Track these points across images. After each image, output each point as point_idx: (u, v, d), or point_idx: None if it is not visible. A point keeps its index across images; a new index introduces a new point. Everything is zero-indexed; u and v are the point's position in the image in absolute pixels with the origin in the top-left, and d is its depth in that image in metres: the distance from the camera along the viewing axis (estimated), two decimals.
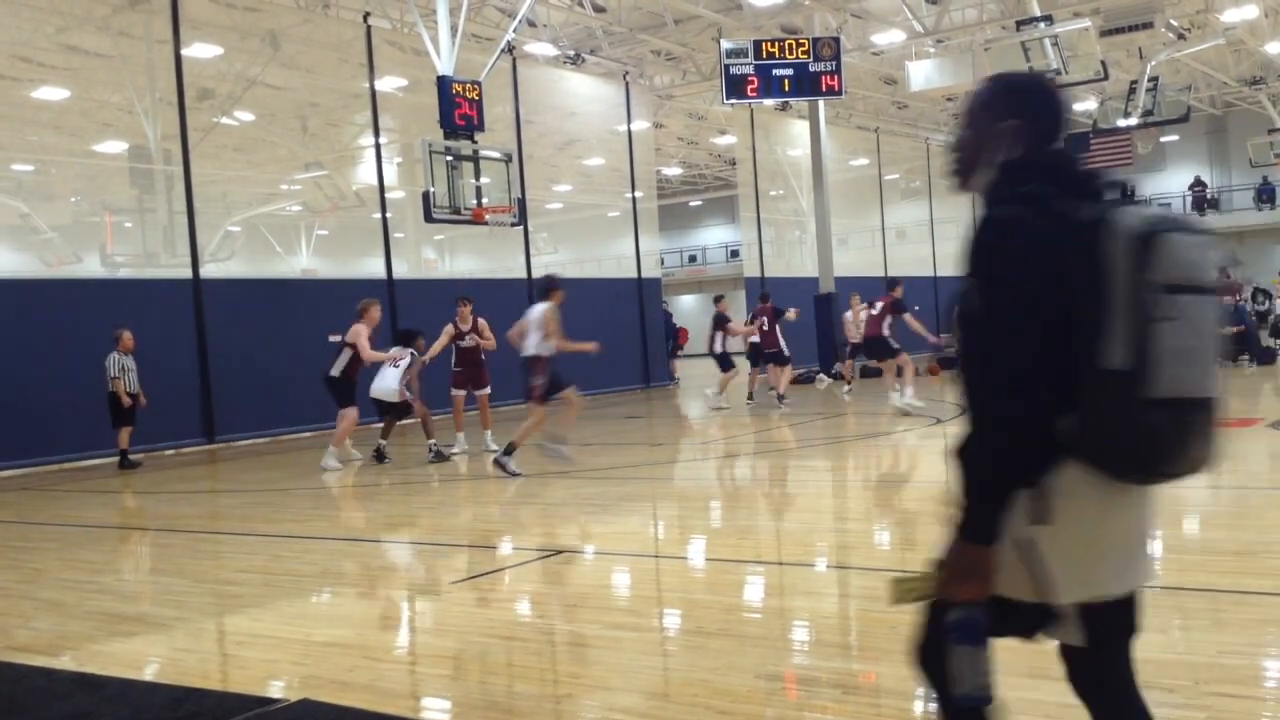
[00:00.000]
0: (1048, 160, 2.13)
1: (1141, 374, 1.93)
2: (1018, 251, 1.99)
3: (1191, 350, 1.95)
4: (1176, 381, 1.94)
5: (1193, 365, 1.96)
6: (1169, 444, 1.98)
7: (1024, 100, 2.19)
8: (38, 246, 23.50)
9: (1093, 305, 1.95)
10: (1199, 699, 3.56)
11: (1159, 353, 1.92)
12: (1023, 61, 18.24)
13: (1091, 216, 2.00)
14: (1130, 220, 1.97)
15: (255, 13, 18.56)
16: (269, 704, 4.05)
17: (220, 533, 8.56)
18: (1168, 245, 1.95)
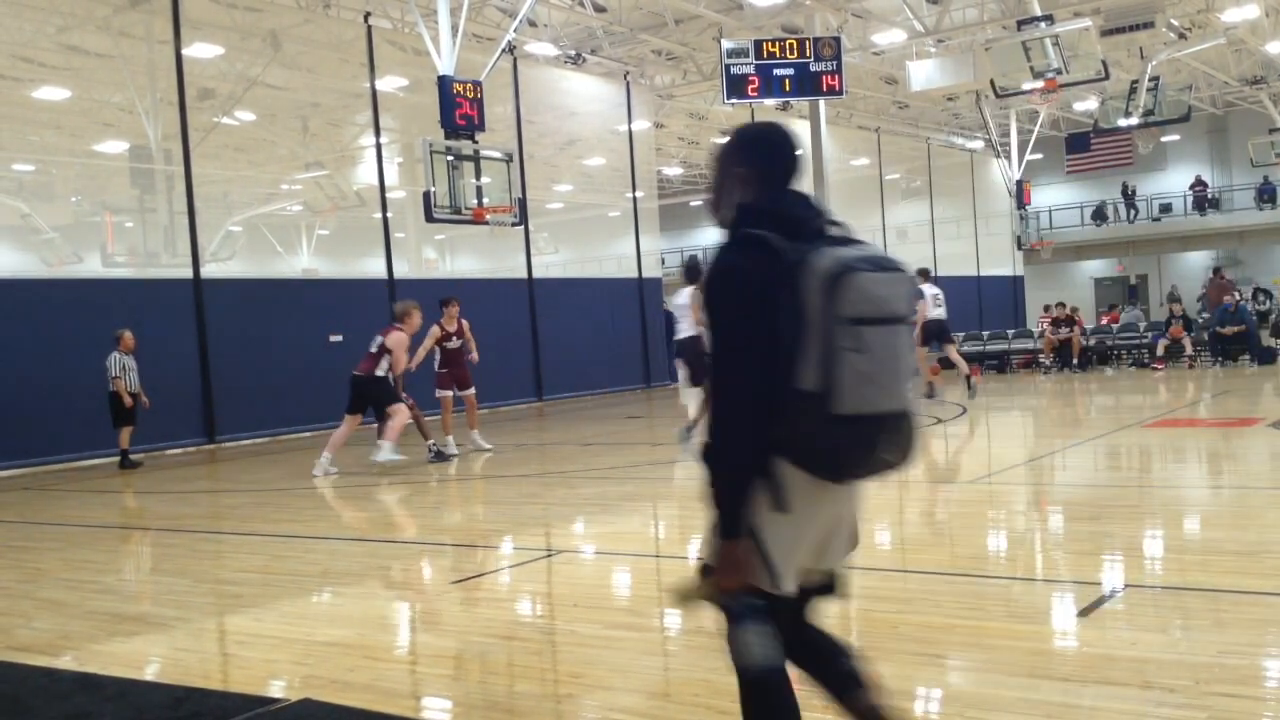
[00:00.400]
0: (773, 205, 2.43)
1: (828, 395, 2.28)
2: (735, 293, 2.34)
3: (873, 374, 2.30)
4: (858, 401, 2.29)
5: (874, 387, 2.30)
6: (853, 453, 2.36)
7: (758, 151, 2.51)
8: (38, 246, 23.53)
9: (793, 334, 2.30)
10: (1200, 699, 3.57)
11: (842, 377, 2.28)
12: (1024, 61, 18.23)
13: (798, 257, 2.31)
14: (824, 261, 2.30)
15: (256, 12, 18.56)
16: (270, 704, 4.06)
17: (221, 532, 8.56)
18: (854, 283, 2.28)
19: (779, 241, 2.34)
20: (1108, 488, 8.59)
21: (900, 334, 2.37)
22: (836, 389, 2.29)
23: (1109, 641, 4.30)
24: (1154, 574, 5.60)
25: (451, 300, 12.11)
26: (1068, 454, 10.22)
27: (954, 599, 5.15)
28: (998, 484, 8.75)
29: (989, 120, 29.63)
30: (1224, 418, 12.49)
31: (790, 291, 2.30)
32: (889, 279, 2.36)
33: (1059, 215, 38.93)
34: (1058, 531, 6.88)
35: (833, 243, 2.39)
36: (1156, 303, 34.98)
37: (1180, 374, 18.74)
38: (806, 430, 2.33)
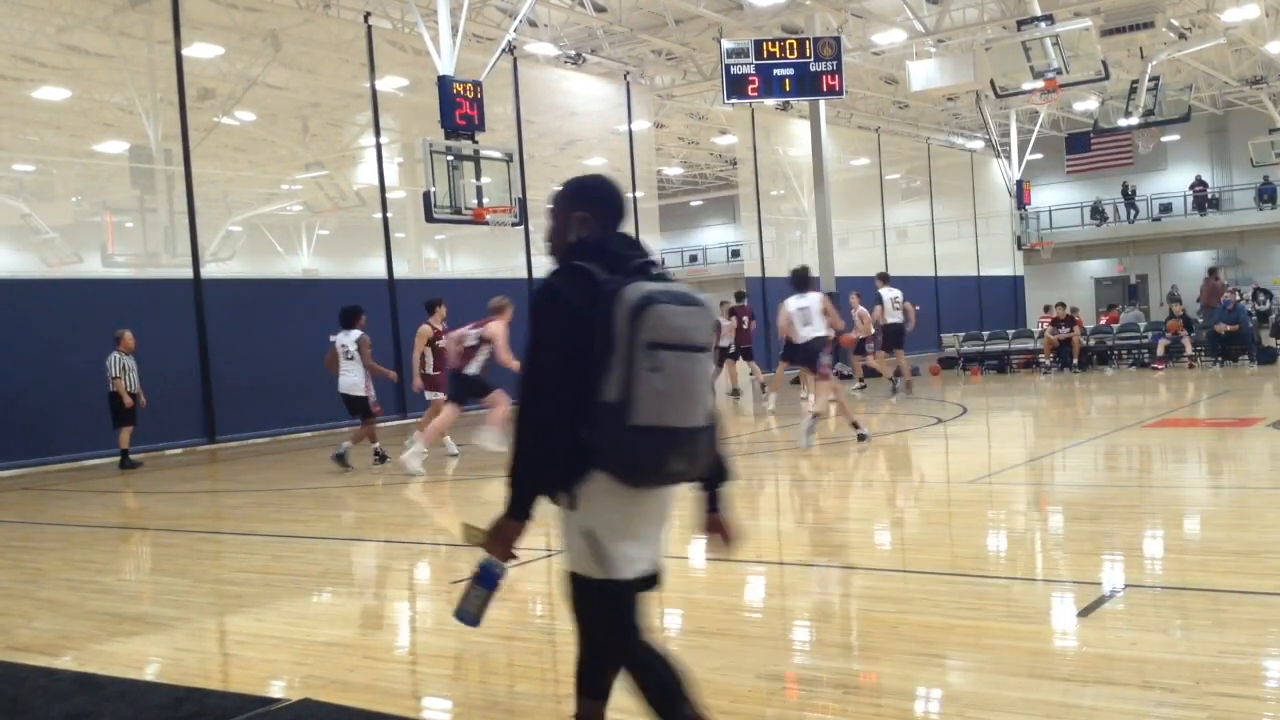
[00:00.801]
0: (600, 243, 2.81)
1: (626, 407, 2.61)
2: (552, 312, 2.71)
3: (667, 392, 2.64)
4: (653, 414, 2.63)
5: (668, 403, 2.64)
6: (647, 460, 2.69)
7: (593, 199, 2.91)
8: (39, 246, 23.52)
9: (603, 353, 2.64)
10: (1200, 699, 3.57)
11: (639, 393, 2.61)
12: (1024, 61, 18.23)
13: (613, 287, 2.66)
14: (633, 293, 2.64)
15: (256, 13, 18.56)
16: (270, 704, 4.06)
17: (221, 533, 8.56)
18: (655, 313, 2.63)
19: (600, 273, 2.71)
20: (1108, 488, 8.60)
21: (697, 361, 2.72)
22: (634, 402, 2.63)
23: (1109, 641, 4.30)
24: (1154, 574, 5.61)
25: (440, 302, 12.11)
26: (1068, 454, 10.22)
27: (954, 599, 5.15)
28: (998, 484, 8.75)
29: (989, 120, 29.63)
30: (1224, 418, 12.49)
31: (603, 316, 2.65)
32: (688, 312, 2.70)
33: (1059, 215, 38.93)
34: (1058, 531, 6.89)
35: (646, 278, 2.73)
36: (1156, 303, 34.98)
37: (1180, 374, 18.74)
38: (608, 437, 2.66)
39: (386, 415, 16.88)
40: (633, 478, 2.73)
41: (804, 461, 11.00)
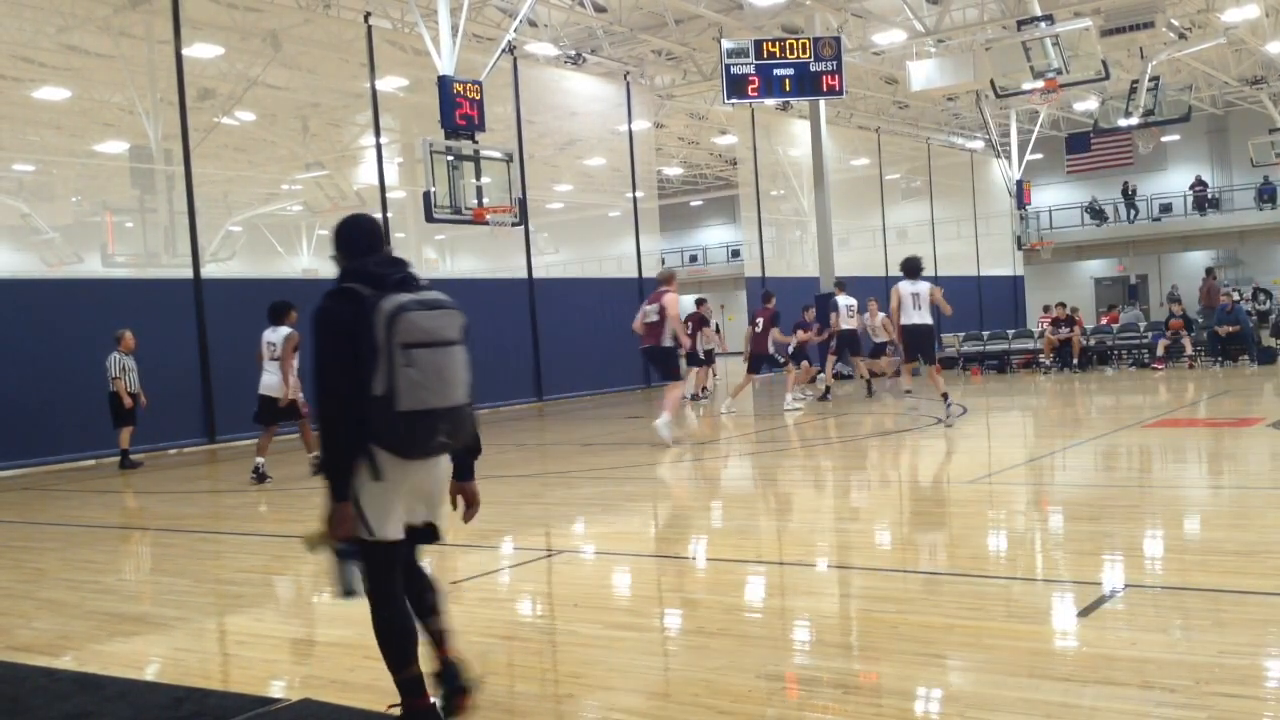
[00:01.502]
0: (362, 267, 3.51)
1: (392, 397, 3.31)
2: (327, 327, 3.40)
3: (423, 382, 3.33)
4: (413, 401, 3.32)
5: (425, 390, 3.33)
6: (414, 437, 3.39)
7: (339, 240, 3.66)
8: (39, 246, 23.53)
9: (370, 355, 3.32)
10: (1200, 699, 3.57)
11: (400, 385, 3.31)
12: (1024, 61, 18.23)
13: (374, 301, 3.34)
14: (389, 304, 3.33)
15: (256, 13, 18.57)
16: (270, 704, 4.06)
17: (221, 533, 8.56)
18: (407, 319, 3.32)
19: (364, 291, 3.39)
20: (1108, 488, 8.59)
21: (449, 354, 3.41)
22: (396, 393, 3.31)
23: (1109, 641, 4.30)
24: (1154, 574, 5.61)
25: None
26: (1068, 454, 10.22)
27: (954, 599, 5.15)
28: (998, 484, 8.75)
29: (989, 120, 29.64)
30: (1224, 418, 12.49)
31: (367, 325, 3.32)
32: (436, 315, 3.40)
33: (1059, 215, 38.94)
34: (1058, 531, 6.89)
35: (402, 291, 3.40)
36: (1156, 303, 34.99)
37: (1180, 374, 18.74)
38: (382, 423, 3.33)
39: None
40: (406, 452, 3.41)
41: (804, 461, 11.00)
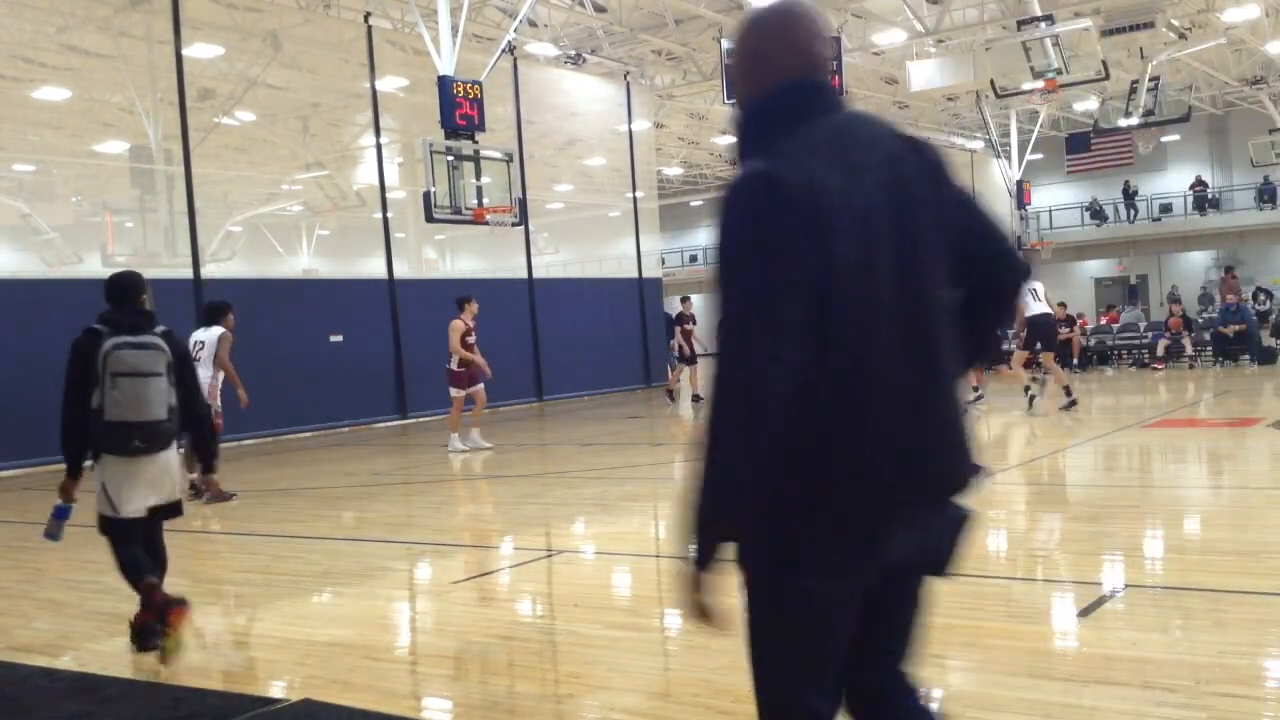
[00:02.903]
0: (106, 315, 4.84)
1: (103, 411, 4.66)
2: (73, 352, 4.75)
3: (125, 402, 4.65)
4: (117, 414, 4.66)
5: (126, 408, 4.66)
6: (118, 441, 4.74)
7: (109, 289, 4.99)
8: (39, 247, 23.53)
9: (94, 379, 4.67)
10: (1200, 699, 3.57)
11: (108, 403, 4.65)
12: (1024, 61, 18.22)
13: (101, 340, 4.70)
14: (107, 343, 4.67)
15: (256, 13, 18.56)
16: (270, 704, 4.06)
17: (221, 533, 8.56)
18: (116, 355, 4.65)
19: (105, 330, 4.73)
20: (1108, 488, 8.59)
21: (147, 383, 4.69)
22: (106, 408, 4.66)
23: (1109, 641, 4.30)
24: (1154, 574, 5.61)
25: (471, 298, 12.20)
26: (1068, 454, 10.22)
27: (954, 599, 5.14)
28: (998, 484, 8.75)
29: (989, 120, 29.62)
30: (1224, 418, 12.49)
31: (94, 358, 4.65)
32: (140, 353, 4.70)
33: (1059, 215, 38.92)
34: (1058, 531, 6.88)
35: (128, 334, 4.72)
36: (1157, 303, 34.98)
37: (1180, 374, 18.73)
38: (97, 429, 4.70)
39: (387, 415, 16.93)
40: (116, 451, 4.74)
41: None
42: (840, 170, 1.99)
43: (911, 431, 2.00)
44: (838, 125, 2.08)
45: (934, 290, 2.07)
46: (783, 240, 1.91)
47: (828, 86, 2.13)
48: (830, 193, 1.95)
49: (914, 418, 2.01)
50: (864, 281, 1.96)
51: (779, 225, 1.92)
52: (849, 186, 1.98)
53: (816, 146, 2.01)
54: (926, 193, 2.12)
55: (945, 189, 2.17)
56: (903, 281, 2.01)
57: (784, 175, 1.94)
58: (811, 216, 1.93)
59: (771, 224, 1.92)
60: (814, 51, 2.11)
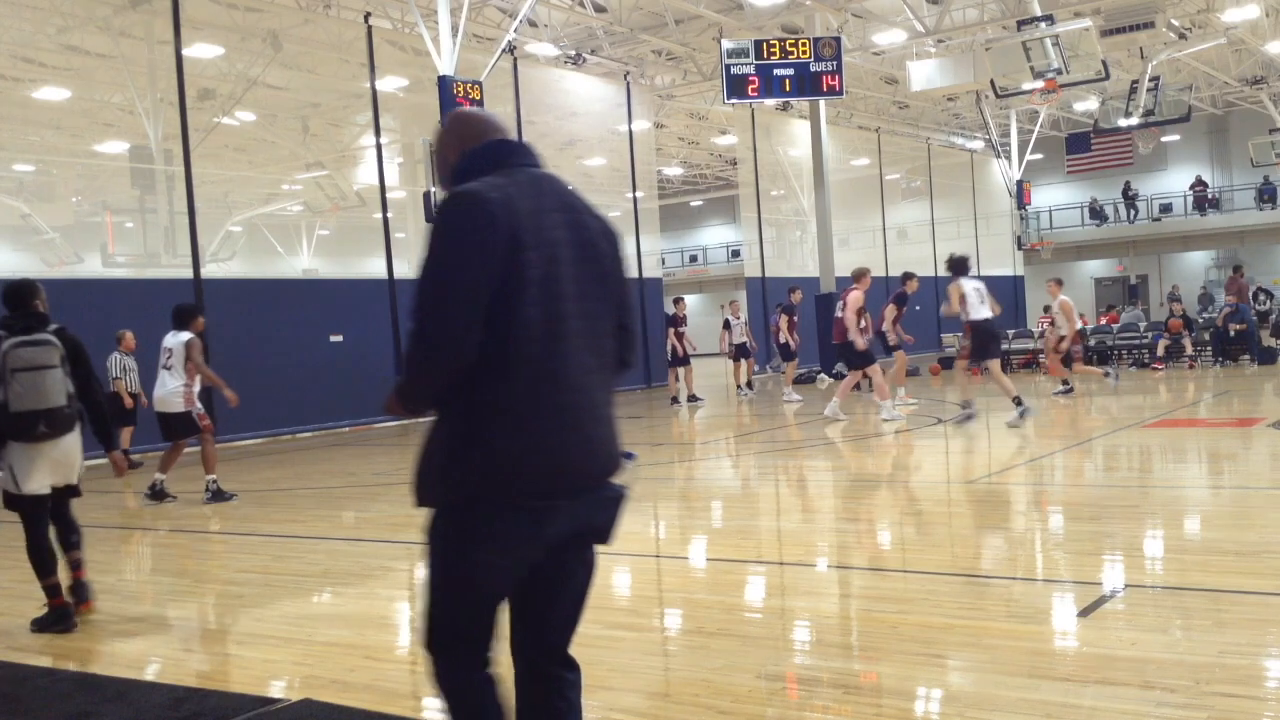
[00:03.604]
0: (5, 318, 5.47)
1: (7, 403, 5.33)
2: None
3: (24, 394, 5.32)
4: (19, 405, 5.31)
5: (27, 399, 5.32)
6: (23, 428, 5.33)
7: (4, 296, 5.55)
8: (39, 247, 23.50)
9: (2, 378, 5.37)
10: (1200, 699, 3.57)
11: (11, 396, 5.31)
12: (1024, 61, 18.23)
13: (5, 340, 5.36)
14: (7, 344, 5.33)
15: (256, 13, 18.56)
16: (270, 704, 4.06)
17: (221, 533, 8.56)
18: (13, 354, 5.33)
19: (3, 334, 5.37)
20: (1108, 488, 8.59)
21: (44, 374, 5.37)
22: (11, 401, 5.31)
23: (1109, 641, 4.30)
24: (1154, 574, 5.61)
25: None
26: (1068, 454, 10.22)
27: (954, 599, 5.15)
28: (998, 484, 8.75)
29: (989, 120, 29.63)
30: (1224, 418, 12.49)
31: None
32: (35, 350, 5.38)
33: (1059, 215, 38.93)
34: (1058, 531, 6.88)
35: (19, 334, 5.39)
36: (1157, 303, 34.99)
37: (1180, 374, 18.73)
38: (3, 419, 5.32)
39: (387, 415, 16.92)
40: (22, 438, 5.36)
41: (804, 462, 11.00)
42: (531, 201, 2.40)
43: (577, 430, 2.40)
44: (532, 175, 2.52)
45: (601, 311, 2.50)
46: (478, 246, 2.29)
47: (520, 147, 2.58)
48: (521, 214, 2.35)
49: (580, 418, 2.41)
50: (542, 295, 2.35)
51: (478, 234, 2.30)
52: (537, 215, 2.39)
53: (514, 181, 2.43)
54: (605, 248, 2.55)
55: (617, 255, 2.61)
56: (579, 300, 2.43)
57: (489, 194, 2.35)
58: (505, 231, 2.31)
59: (471, 232, 2.30)
60: (497, 129, 2.63)
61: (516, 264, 2.31)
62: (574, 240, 2.45)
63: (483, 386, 2.33)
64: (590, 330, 2.46)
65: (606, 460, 2.52)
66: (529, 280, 2.32)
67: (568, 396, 2.39)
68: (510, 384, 2.33)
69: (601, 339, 2.51)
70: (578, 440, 2.41)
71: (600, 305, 2.50)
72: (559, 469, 2.38)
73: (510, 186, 2.40)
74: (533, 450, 2.34)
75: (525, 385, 2.33)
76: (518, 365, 2.33)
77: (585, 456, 2.43)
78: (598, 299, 2.50)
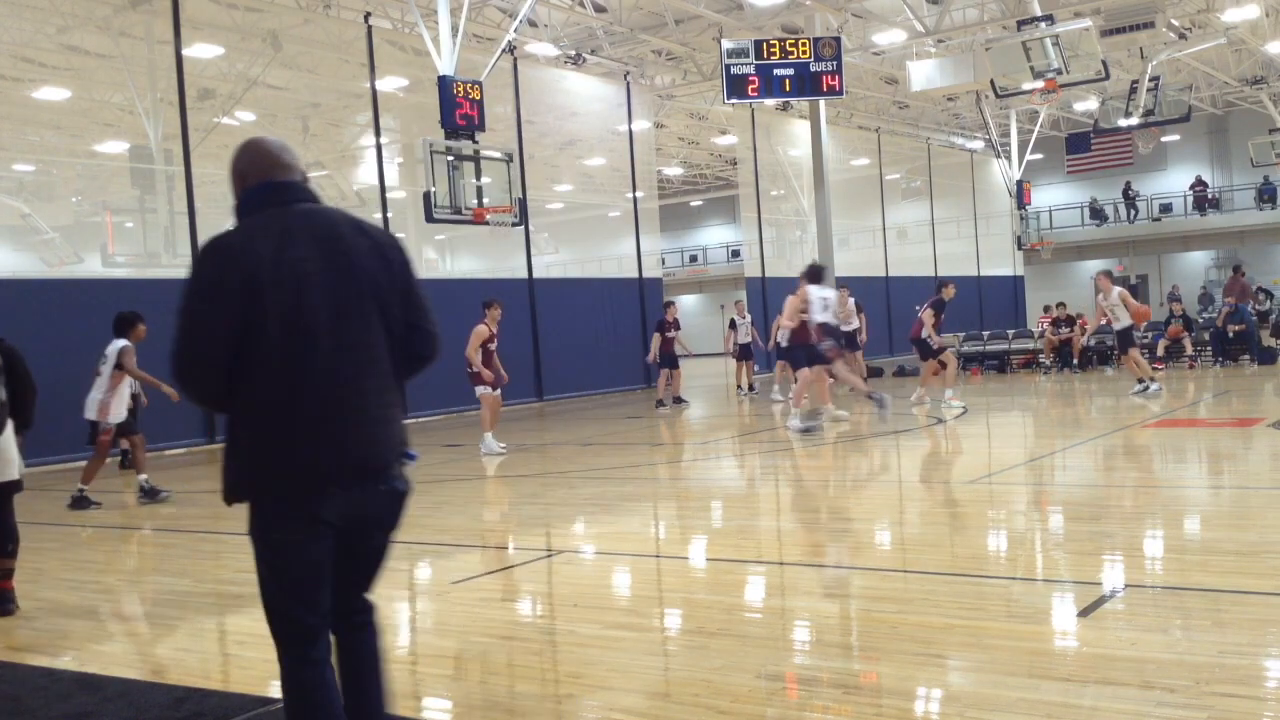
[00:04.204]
0: None
1: None
2: None
3: None
4: None
5: None
6: None
7: None
8: (39, 247, 23.50)
9: None
10: (1200, 699, 3.57)
11: None
12: (1024, 61, 18.22)
13: None
14: None
15: (256, 13, 18.56)
16: (270, 704, 4.06)
17: (221, 533, 8.56)
18: None
19: None
20: (1108, 488, 8.60)
21: None
22: None
23: (1109, 641, 4.30)
24: (1154, 574, 5.61)
25: (495, 302, 12.06)
26: (1068, 454, 10.22)
27: (954, 599, 5.15)
28: (998, 484, 8.75)
29: (989, 120, 29.63)
30: (1224, 418, 12.49)
31: None
32: None
33: (1059, 215, 38.94)
34: (1058, 531, 6.89)
35: None
36: (1157, 303, 34.99)
37: (1180, 374, 18.74)
38: None
39: None
40: None
41: (803, 461, 11.00)
42: (276, 240, 2.81)
43: (336, 430, 2.82)
44: (297, 212, 2.91)
45: (362, 327, 2.89)
46: (220, 289, 2.75)
47: (288, 187, 2.96)
48: (261, 256, 2.77)
49: (339, 420, 2.83)
50: (296, 318, 2.77)
51: (220, 277, 2.76)
52: (280, 254, 2.79)
53: (268, 225, 2.85)
54: (371, 263, 2.93)
55: (394, 265, 3.00)
56: (334, 320, 2.82)
57: (231, 241, 2.83)
58: (247, 270, 2.75)
59: (216, 277, 2.77)
60: (279, 166, 2.97)
61: (254, 299, 2.74)
62: (329, 267, 2.85)
63: (243, 401, 2.81)
64: (350, 344, 2.86)
65: (371, 456, 2.89)
66: (269, 312, 2.74)
67: (315, 406, 2.80)
68: (261, 398, 2.79)
69: (369, 349, 2.90)
70: (329, 441, 2.81)
71: (364, 319, 2.89)
72: (312, 465, 2.80)
73: (260, 231, 2.84)
74: (284, 452, 2.80)
75: (274, 398, 2.78)
76: (266, 382, 2.77)
77: (340, 454, 2.83)
78: (360, 314, 2.89)
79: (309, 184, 3.04)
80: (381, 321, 2.93)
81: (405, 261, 3.05)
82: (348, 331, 2.85)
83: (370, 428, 2.88)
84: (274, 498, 2.84)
